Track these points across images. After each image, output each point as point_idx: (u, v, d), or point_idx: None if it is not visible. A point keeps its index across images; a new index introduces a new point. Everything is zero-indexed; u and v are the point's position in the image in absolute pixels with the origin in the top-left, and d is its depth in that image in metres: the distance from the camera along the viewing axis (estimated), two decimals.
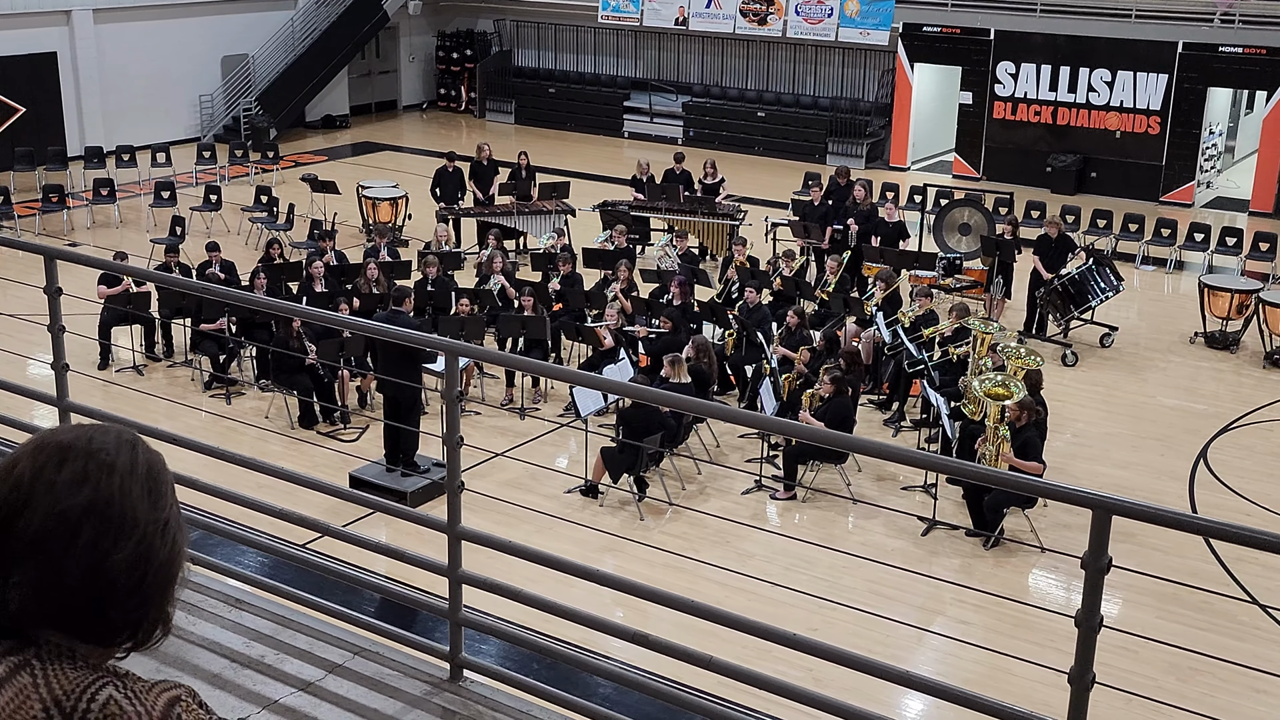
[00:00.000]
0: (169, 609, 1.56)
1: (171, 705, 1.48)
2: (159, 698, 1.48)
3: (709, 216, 18.82)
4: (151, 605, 1.52)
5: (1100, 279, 15.50)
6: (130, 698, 1.46)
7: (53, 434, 1.55)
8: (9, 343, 13.21)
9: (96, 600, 1.48)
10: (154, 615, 1.54)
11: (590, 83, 29.88)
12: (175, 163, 22.93)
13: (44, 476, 1.49)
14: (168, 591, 1.55)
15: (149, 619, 1.54)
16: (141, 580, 1.50)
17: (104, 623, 1.50)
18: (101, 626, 1.50)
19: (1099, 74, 23.37)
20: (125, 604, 1.50)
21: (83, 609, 1.48)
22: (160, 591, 1.53)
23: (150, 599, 1.52)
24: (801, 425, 6.05)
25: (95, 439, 1.53)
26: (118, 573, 1.48)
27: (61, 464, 1.50)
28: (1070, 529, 10.89)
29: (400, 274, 15.41)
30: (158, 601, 1.53)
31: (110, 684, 1.46)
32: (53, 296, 4.95)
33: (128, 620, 1.51)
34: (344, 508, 9.28)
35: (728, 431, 12.91)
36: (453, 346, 4.08)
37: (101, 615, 1.49)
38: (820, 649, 3.74)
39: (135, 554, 1.49)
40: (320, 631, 4.22)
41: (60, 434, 1.55)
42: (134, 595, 1.50)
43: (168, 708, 1.48)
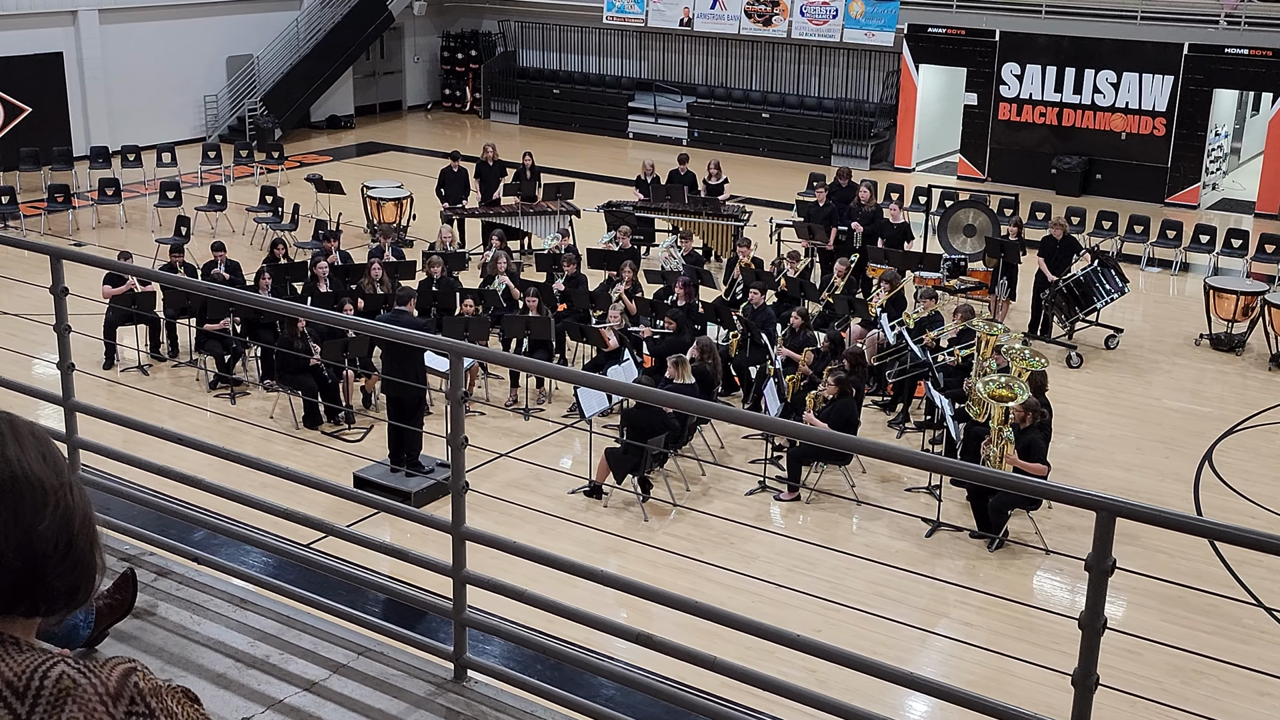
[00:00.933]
0: (100, 559, 1.59)
1: (126, 675, 1.50)
2: (113, 670, 1.50)
3: (713, 217, 18.82)
4: (84, 562, 1.55)
5: (1105, 281, 15.49)
6: (83, 671, 1.47)
7: None
8: (14, 342, 13.23)
9: (35, 573, 1.50)
10: (89, 571, 1.56)
11: (595, 83, 29.90)
12: (180, 163, 22.96)
13: None
14: (96, 546, 1.58)
15: (88, 575, 1.56)
16: (70, 542, 1.53)
17: (49, 592, 1.52)
18: (49, 597, 1.52)
19: (1104, 75, 23.35)
20: (62, 568, 1.52)
21: (26, 585, 1.50)
22: (89, 545, 1.56)
23: (82, 557, 1.55)
24: (805, 426, 6.05)
25: None
26: (47, 542, 1.50)
27: None
28: (1074, 531, 10.88)
29: (405, 274, 15.42)
30: (89, 558, 1.56)
31: (60, 662, 1.48)
32: (58, 296, 4.96)
33: (71, 582, 1.54)
34: (348, 508, 9.30)
35: (732, 432, 12.91)
36: (458, 347, 4.08)
37: (44, 586, 1.51)
38: (823, 650, 3.74)
39: (56, 519, 1.52)
40: (325, 631, 4.23)
41: None
42: (67, 558, 1.52)
43: (123, 677, 1.49)
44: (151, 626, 4.19)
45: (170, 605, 4.33)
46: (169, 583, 4.51)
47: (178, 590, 4.46)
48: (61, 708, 1.44)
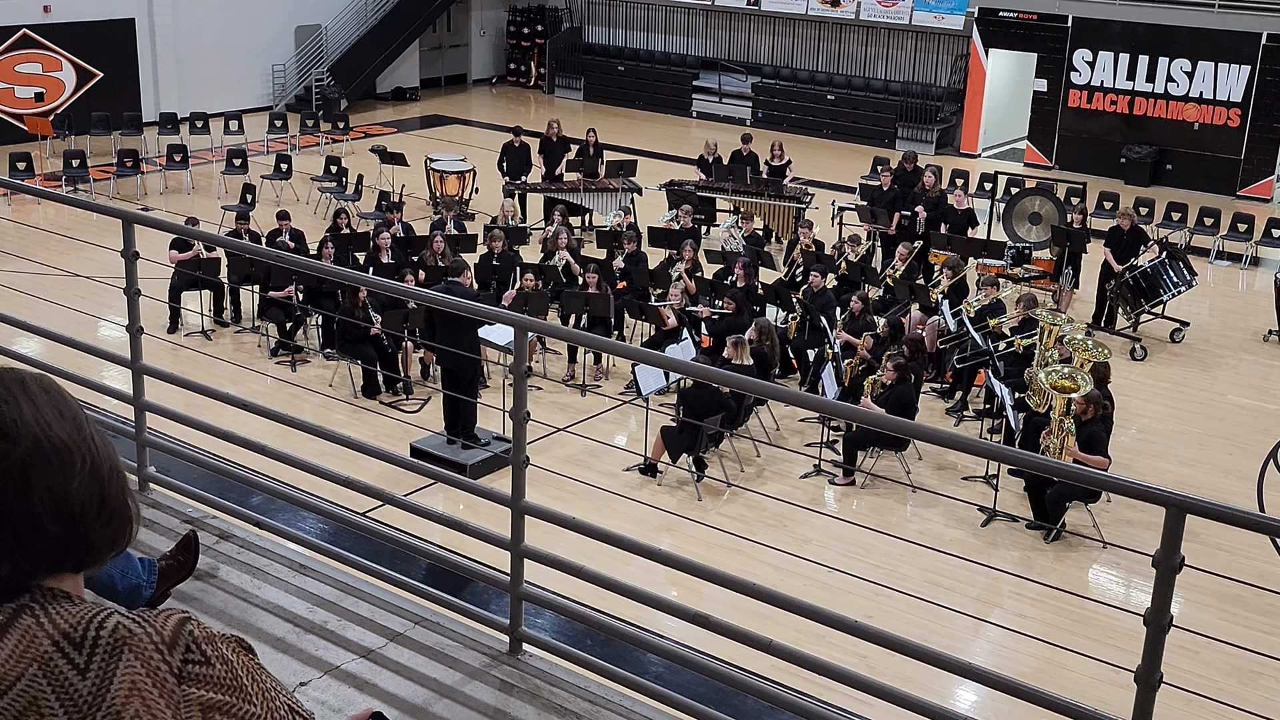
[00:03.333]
0: (134, 504, 1.60)
1: (181, 624, 1.51)
2: (167, 620, 1.50)
3: (775, 199, 18.72)
4: (119, 511, 1.56)
5: (1173, 273, 15.25)
6: (138, 621, 1.48)
7: None
8: (82, 304, 13.43)
9: (77, 529, 1.51)
10: (125, 517, 1.57)
11: (660, 61, 29.79)
12: (247, 131, 23.17)
13: None
14: (127, 494, 1.59)
15: (125, 522, 1.58)
16: (103, 495, 1.54)
17: (91, 546, 1.54)
18: (92, 550, 1.54)
19: (1179, 64, 22.93)
20: (99, 522, 1.53)
21: (68, 543, 1.51)
22: (122, 494, 1.57)
23: (116, 505, 1.56)
24: (863, 410, 5.98)
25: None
26: (82, 501, 1.51)
27: None
28: (1133, 525, 10.75)
29: (466, 248, 15.48)
30: (123, 506, 1.57)
31: (115, 613, 1.49)
32: (130, 260, 5.02)
33: (110, 533, 1.55)
34: (403, 477, 9.37)
35: (788, 415, 12.86)
36: (522, 321, 4.08)
37: (86, 542, 1.53)
38: (876, 635, 3.71)
39: (87, 474, 1.52)
40: (382, 599, 4.26)
41: None
42: (103, 511, 1.54)
43: (178, 626, 1.50)
44: (213, 589, 4.24)
45: (231, 568, 4.39)
46: (230, 546, 4.57)
47: (239, 554, 4.51)
48: (119, 657, 1.45)
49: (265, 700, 1.55)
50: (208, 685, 1.50)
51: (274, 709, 1.56)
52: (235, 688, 1.52)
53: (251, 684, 1.55)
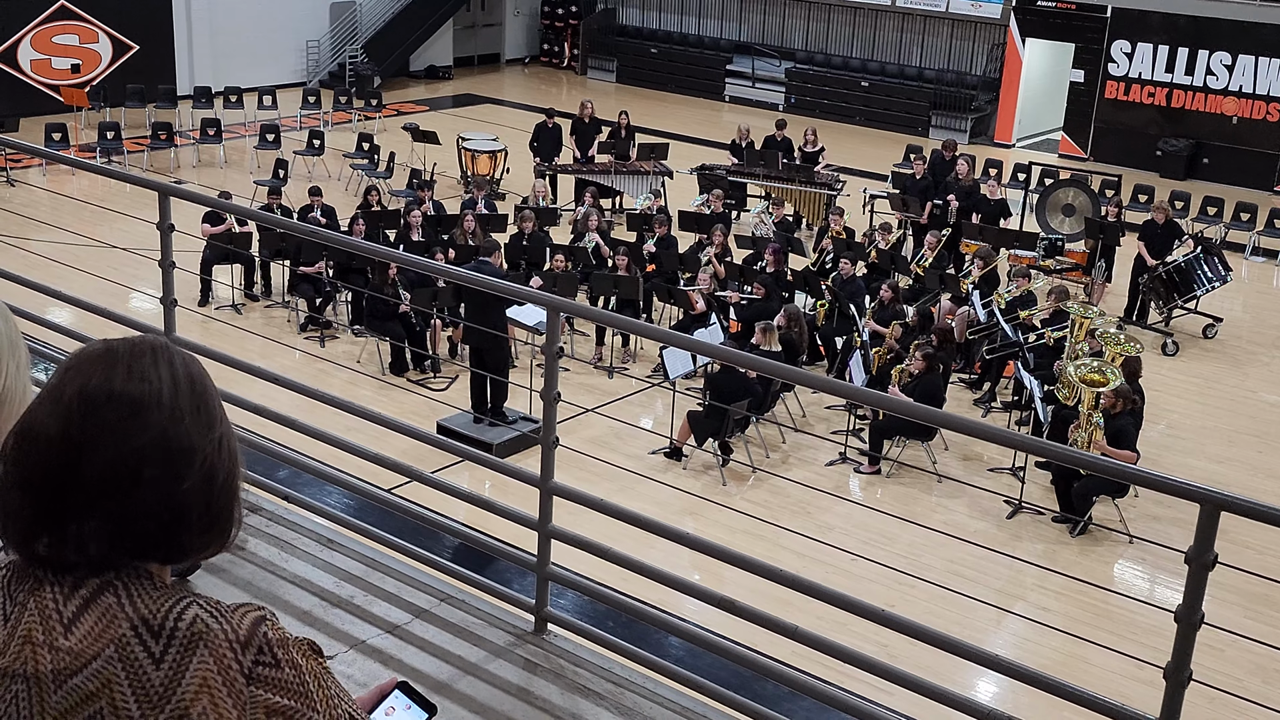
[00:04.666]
0: (238, 514, 1.58)
1: (257, 624, 1.51)
2: (244, 617, 1.51)
3: (807, 185, 18.65)
4: (221, 521, 1.55)
5: (1207, 268, 15.12)
6: (216, 616, 1.49)
7: (88, 362, 1.51)
8: (114, 274, 13.52)
9: (172, 530, 1.51)
10: (225, 528, 1.56)
11: (693, 44, 29.69)
12: (280, 106, 23.22)
13: (95, 415, 1.47)
14: (234, 504, 1.57)
15: (223, 532, 1.56)
16: (209, 502, 1.52)
17: (181, 548, 1.53)
18: (180, 552, 1.53)
19: (1218, 57, 22.69)
20: (198, 527, 1.52)
21: (161, 540, 1.50)
22: (228, 506, 1.56)
23: (219, 516, 1.54)
24: (890, 397, 5.94)
25: (135, 365, 1.51)
26: (188, 502, 1.50)
27: (110, 397, 1.48)
28: (1160, 521, 10.69)
29: (496, 227, 15.49)
30: (226, 516, 1.56)
31: (195, 603, 1.49)
32: (165, 232, 5.04)
33: (204, 541, 1.55)
34: (429, 455, 9.39)
35: (814, 402, 12.83)
36: (554, 302, 4.08)
37: (178, 542, 1.52)
38: (898, 623, 3.71)
39: (199, 480, 1.51)
40: (408, 576, 4.28)
41: (96, 360, 1.51)
42: (204, 517, 1.52)
43: (254, 625, 1.50)
44: (241, 561, 4.27)
45: (260, 541, 4.41)
46: (259, 519, 4.60)
47: (267, 527, 4.54)
48: (194, 651, 1.46)
49: (328, 707, 1.55)
50: (275, 689, 1.50)
51: (336, 717, 1.56)
52: (301, 694, 1.52)
53: (317, 690, 1.55)
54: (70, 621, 1.48)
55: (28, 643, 1.48)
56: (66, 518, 1.48)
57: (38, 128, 19.96)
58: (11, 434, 1.53)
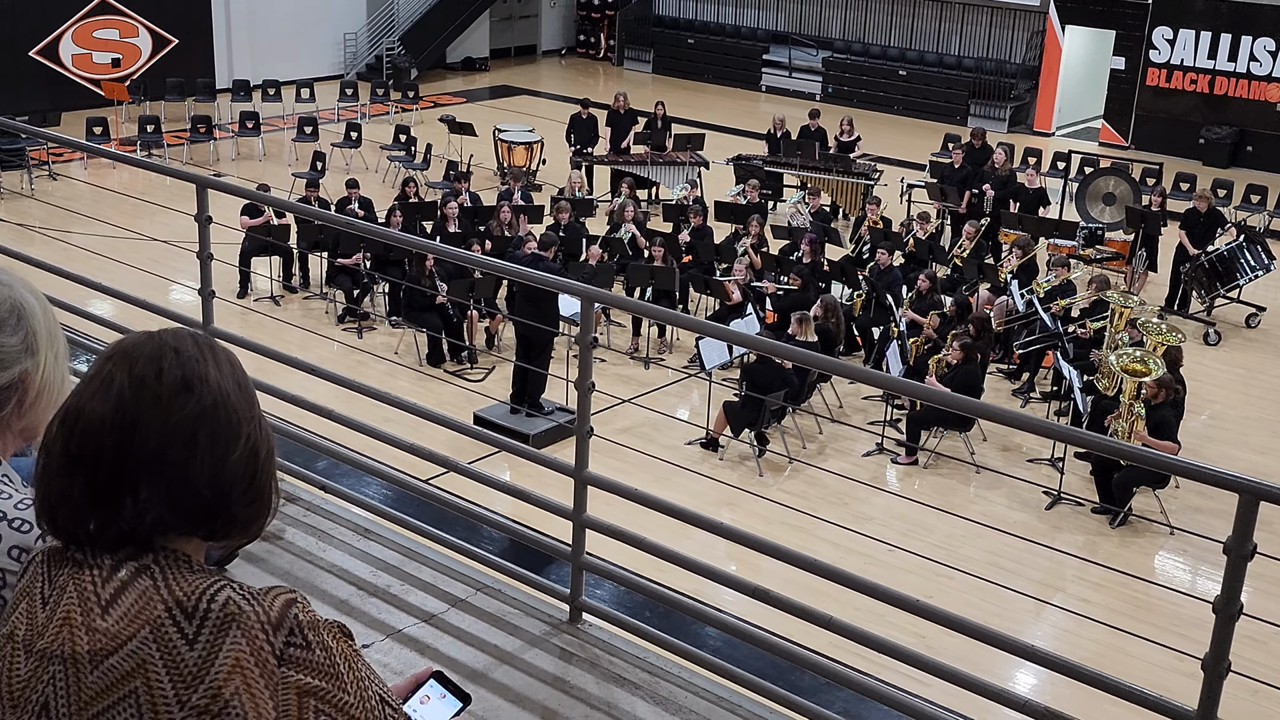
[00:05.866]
0: (276, 494, 1.64)
1: (288, 606, 1.54)
2: (275, 599, 1.53)
3: (843, 175, 18.57)
4: (263, 496, 1.60)
5: (1250, 257, 14.94)
6: (248, 598, 1.51)
7: (134, 346, 1.58)
8: (154, 267, 13.63)
9: (224, 501, 1.55)
10: (266, 504, 1.62)
11: (730, 34, 29.60)
12: (318, 99, 23.33)
13: (147, 391, 1.53)
14: (273, 481, 1.63)
15: (264, 509, 1.62)
16: (255, 474, 1.58)
17: (231, 520, 1.57)
18: (227, 524, 1.57)
19: (1262, 43, 22.40)
20: (246, 498, 1.57)
21: (213, 511, 1.55)
22: (269, 482, 1.61)
23: (262, 491, 1.60)
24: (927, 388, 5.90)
25: (179, 346, 1.57)
26: (237, 472, 1.56)
27: (159, 375, 1.53)
28: (1202, 513, 10.58)
29: (532, 218, 15.52)
30: (267, 492, 1.61)
31: (228, 586, 1.52)
32: (203, 225, 5.09)
33: (251, 514, 1.59)
34: (467, 446, 9.44)
35: (851, 393, 12.79)
36: (589, 292, 4.09)
37: (229, 514, 1.56)
38: (935, 614, 3.69)
39: (246, 451, 1.57)
40: (444, 566, 4.30)
41: (141, 345, 1.57)
42: (251, 489, 1.58)
43: (285, 608, 1.53)
44: (279, 550, 4.30)
45: (297, 531, 4.45)
46: (296, 509, 4.63)
47: (304, 516, 4.57)
48: (226, 632, 1.49)
49: (359, 689, 1.58)
50: (306, 669, 1.53)
51: (367, 698, 1.59)
52: (332, 674, 1.55)
53: (348, 671, 1.57)
54: (108, 604, 1.51)
55: (66, 624, 1.51)
56: (122, 490, 1.52)
57: (79, 122, 20.16)
58: (56, 420, 1.57)
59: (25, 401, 1.88)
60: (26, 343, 1.87)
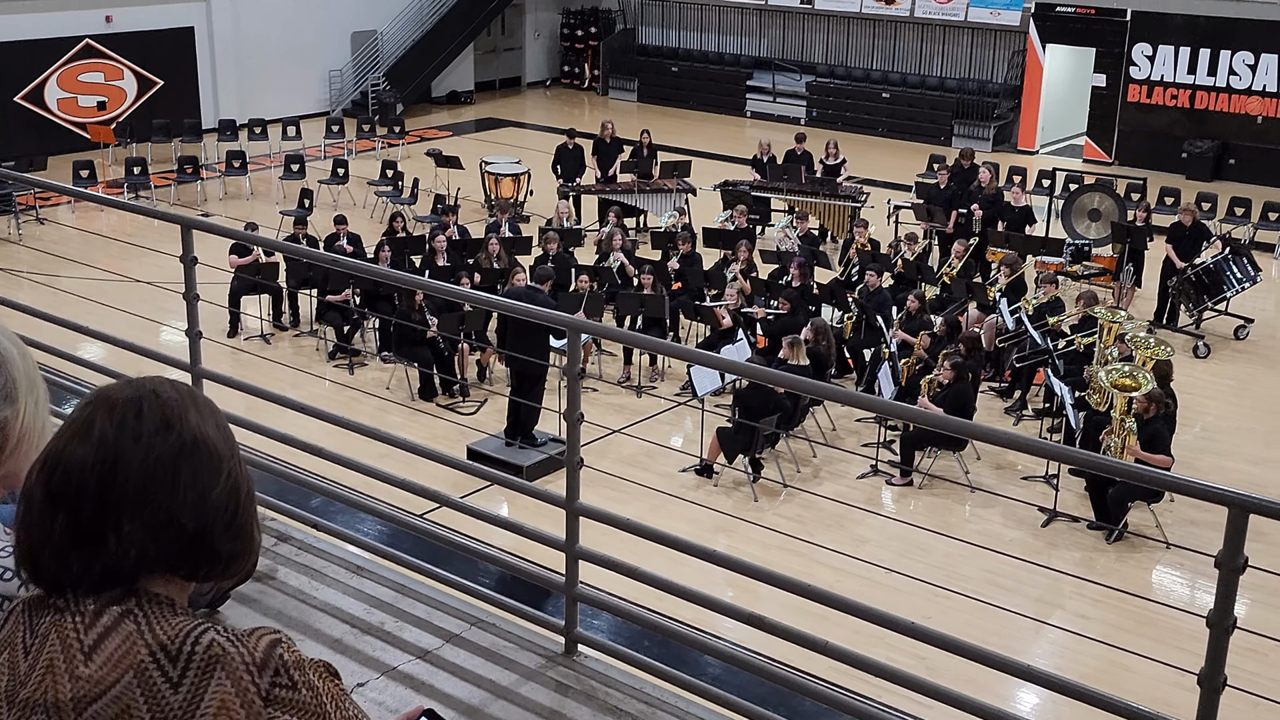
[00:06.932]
0: (259, 534, 1.65)
1: (273, 647, 1.53)
2: (260, 640, 1.53)
3: (830, 198, 18.63)
4: (245, 534, 1.60)
5: (1236, 269, 15.00)
6: (232, 640, 1.51)
7: (113, 390, 1.60)
8: (144, 309, 13.63)
9: (207, 536, 1.55)
10: (249, 544, 1.61)
11: (714, 61, 29.74)
12: (305, 136, 23.40)
13: (127, 430, 1.53)
14: (255, 520, 1.63)
15: (248, 547, 1.61)
16: (236, 510, 1.58)
17: (215, 557, 1.57)
18: (210, 562, 1.57)
19: (1241, 56, 22.56)
20: (228, 534, 1.57)
21: (196, 547, 1.55)
22: (251, 520, 1.61)
23: (244, 529, 1.60)
24: (919, 410, 5.92)
25: (158, 390, 1.59)
26: (219, 507, 1.56)
27: (139, 415, 1.55)
28: (1198, 526, 10.58)
29: (520, 250, 15.54)
30: (249, 530, 1.61)
31: (211, 628, 1.52)
32: (189, 265, 5.09)
33: (233, 550, 1.59)
34: (461, 480, 9.42)
35: (844, 415, 12.79)
36: (577, 324, 4.09)
37: (212, 550, 1.56)
38: (935, 637, 3.68)
39: (228, 486, 1.57)
40: (438, 601, 4.29)
41: (121, 390, 1.60)
42: (233, 525, 1.57)
43: (269, 649, 1.52)
44: (271, 590, 4.28)
45: (289, 570, 4.43)
46: (289, 548, 4.61)
47: (297, 555, 4.55)
48: (211, 674, 1.48)
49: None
50: (293, 710, 1.52)
51: None
52: (319, 714, 1.55)
53: (335, 711, 1.57)
54: (91, 650, 1.50)
55: (49, 672, 1.51)
56: (105, 526, 1.51)
57: (66, 165, 20.19)
58: (37, 465, 1.58)
59: (5, 449, 1.87)
60: (6, 390, 1.86)
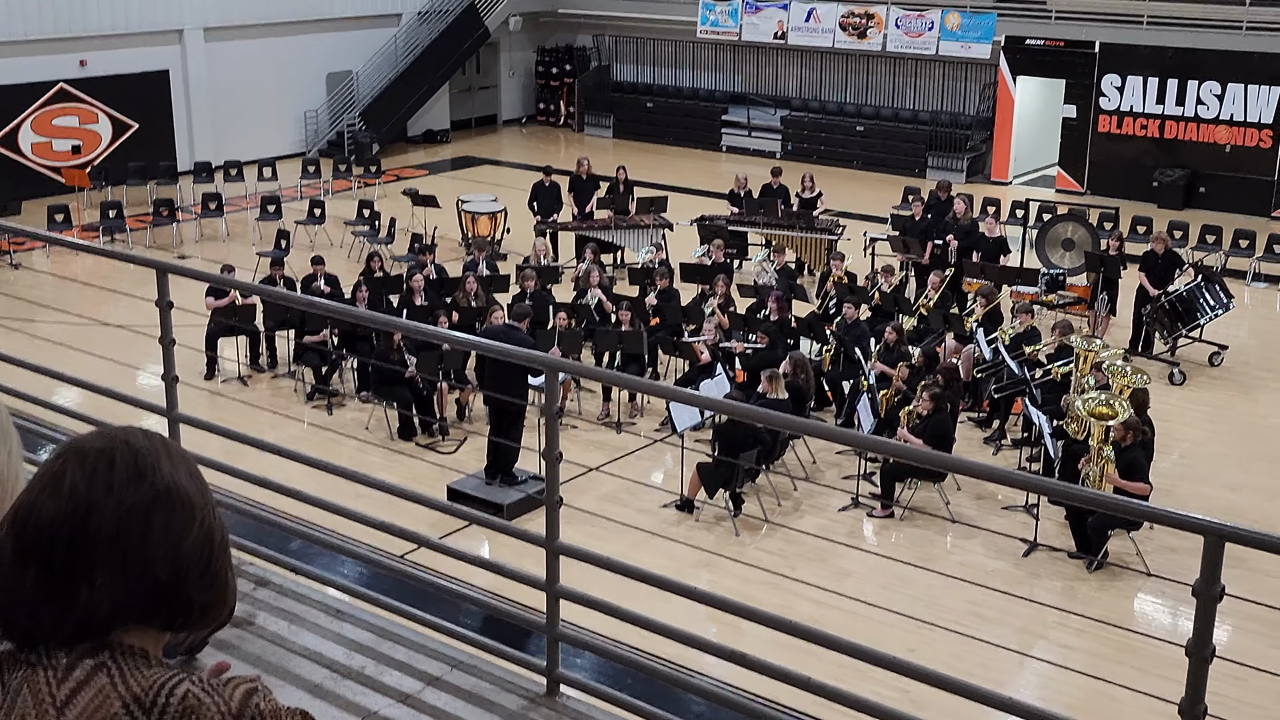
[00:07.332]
0: (234, 582, 1.63)
1: (249, 696, 1.52)
2: (235, 690, 1.52)
3: (807, 231, 18.72)
4: (219, 582, 1.59)
5: (1209, 296, 15.12)
6: (207, 690, 1.49)
7: (85, 441, 1.59)
8: (120, 354, 13.57)
9: (181, 584, 1.53)
10: (224, 592, 1.60)
11: (688, 97, 29.92)
12: (281, 177, 23.41)
13: (99, 480, 1.52)
14: (230, 568, 1.62)
15: (223, 595, 1.60)
16: (210, 558, 1.56)
17: (189, 606, 1.55)
18: (185, 611, 1.56)
19: (1208, 86, 22.82)
20: (202, 583, 1.56)
21: (170, 596, 1.53)
22: (225, 568, 1.60)
23: (218, 577, 1.58)
24: (899, 444, 5.94)
25: (130, 439, 1.58)
26: (192, 556, 1.54)
27: (111, 466, 1.54)
28: (1178, 553, 10.61)
29: (499, 288, 15.54)
30: (224, 578, 1.60)
31: (186, 679, 1.50)
32: (164, 309, 5.07)
33: (208, 599, 1.57)
34: (442, 520, 9.37)
35: (824, 448, 12.80)
36: (554, 363, 4.10)
37: (186, 599, 1.55)
38: (919, 671, 3.68)
39: (201, 534, 1.56)
40: (419, 644, 4.26)
41: (92, 440, 1.59)
42: (207, 573, 1.56)
43: (245, 698, 1.51)
44: (250, 636, 4.25)
45: (268, 615, 4.40)
46: (267, 592, 4.58)
47: (276, 600, 4.52)
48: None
49: None
50: None
51: None
52: None
53: None
54: (64, 704, 1.48)
55: None
56: (77, 577, 1.50)
57: (41, 210, 20.13)
58: (7, 519, 1.56)
59: None
60: None
